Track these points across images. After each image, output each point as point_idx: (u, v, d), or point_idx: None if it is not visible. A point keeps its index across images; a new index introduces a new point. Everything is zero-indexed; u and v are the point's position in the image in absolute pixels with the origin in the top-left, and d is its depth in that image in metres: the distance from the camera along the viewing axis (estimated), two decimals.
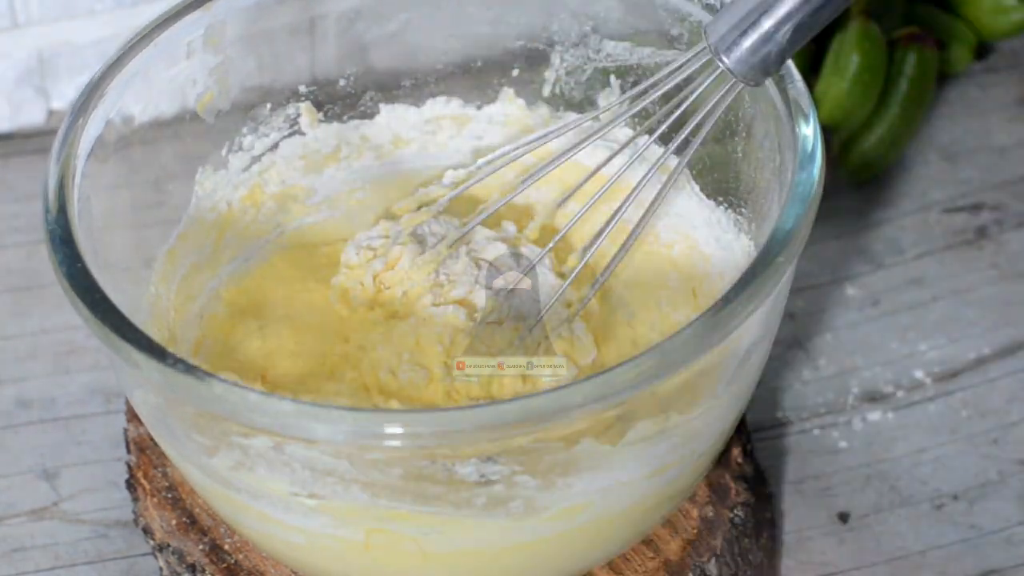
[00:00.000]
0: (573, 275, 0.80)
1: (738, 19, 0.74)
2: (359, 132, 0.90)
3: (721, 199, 0.84)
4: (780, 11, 0.73)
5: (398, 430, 0.65)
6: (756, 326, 0.72)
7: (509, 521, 0.71)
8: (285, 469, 0.70)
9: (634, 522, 0.76)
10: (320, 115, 0.89)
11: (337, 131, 0.89)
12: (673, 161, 0.80)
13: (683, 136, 0.78)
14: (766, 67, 0.74)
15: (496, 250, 0.84)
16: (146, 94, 0.81)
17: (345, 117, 0.89)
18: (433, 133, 0.91)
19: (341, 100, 0.89)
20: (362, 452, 0.67)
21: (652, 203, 0.79)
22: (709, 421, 0.73)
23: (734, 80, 0.75)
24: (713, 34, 0.75)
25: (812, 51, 1.02)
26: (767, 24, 0.73)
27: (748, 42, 0.74)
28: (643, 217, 0.80)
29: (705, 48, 0.75)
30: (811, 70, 1.01)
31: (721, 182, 0.84)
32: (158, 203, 0.84)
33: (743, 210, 0.82)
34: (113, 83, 0.79)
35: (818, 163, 0.74)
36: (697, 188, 0.86)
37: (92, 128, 0.78)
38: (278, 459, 0.69)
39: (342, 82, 0.89)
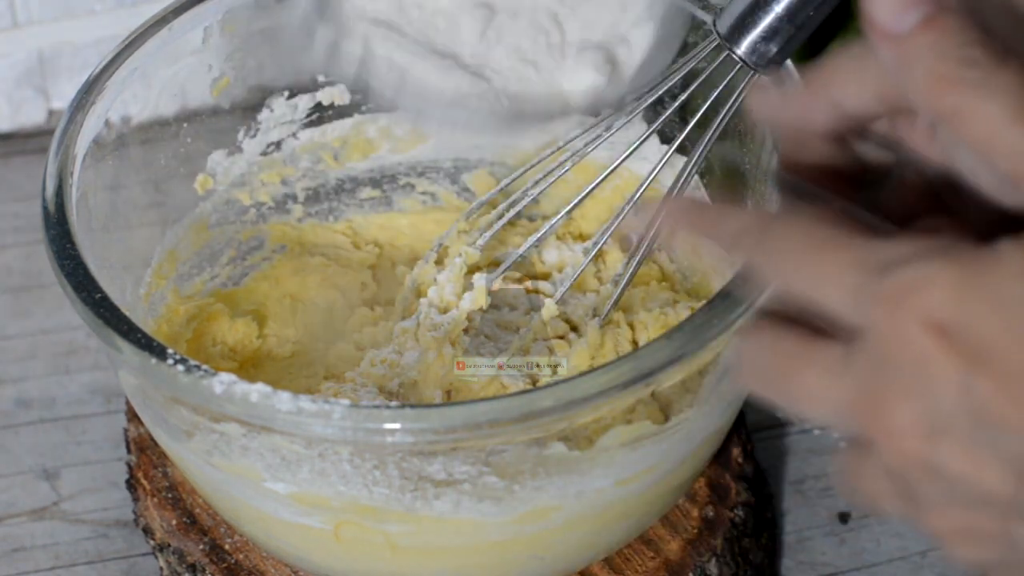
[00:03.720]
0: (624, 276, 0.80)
1: (747, 7, 0.74)
2: (377, 125, 0.90)
3: (725, 200, 0.84)
4: None
5: (396, 426, 0.65)
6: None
7: (479, 520, 0.70)
8: (256, 456, 0.70)
9: (610, 527, 0.75)
10: (331, 111, 0.88)
11: (350, 125, 0.89)
12: (683, 162, 0.81)
13: (706, 136, 0.78)
14: (779, 53, 0.74)
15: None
16: (144, 93, 0.81)
17: (364, 109, 0.89)
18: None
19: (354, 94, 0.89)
20: (344, 447, 0.68)
21: (674, 198, 0.79)
22: (687, 434, 0.73)
23: (751, 71, 0.75)
24: (722, 26, 0.75)
25: (812, 51, 1.02)
26: (777, 8, 0.73)
27: (758, 29, 0.74)
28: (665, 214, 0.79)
29: (716, 42, 0.75)
30: None
31: (725, 184, 0.84)
32: (157, 203, 0.84)
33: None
34: (110, 82, 0.79)
35: None
36: (704, 192, 0.86)
37: (90, 127, 0.78)
38: (250, 445, 0.70)
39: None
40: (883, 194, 0.57)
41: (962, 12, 0.50)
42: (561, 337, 0.82)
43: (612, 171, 0.81)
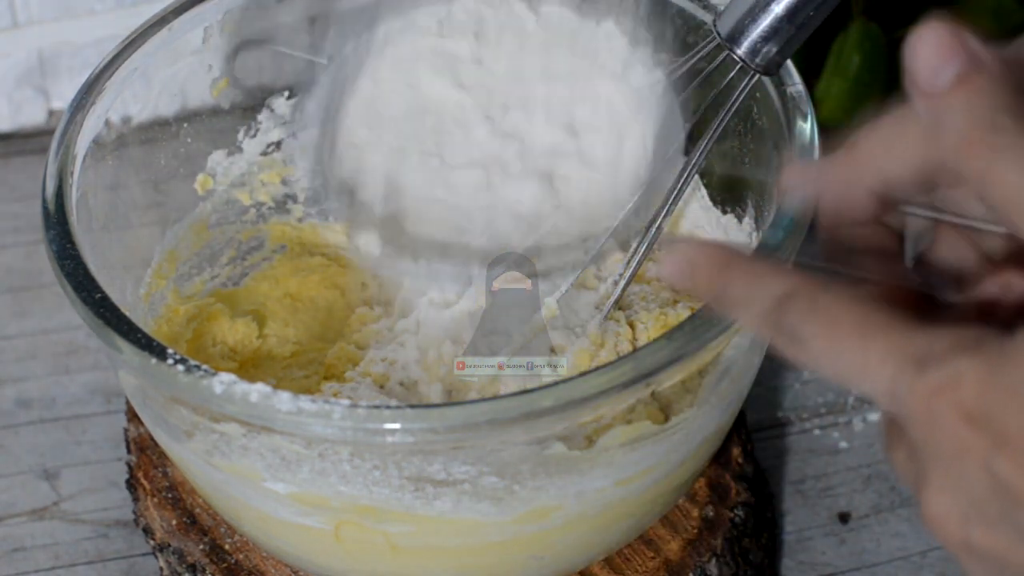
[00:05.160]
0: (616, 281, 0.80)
1: (747, 7, 0.74)
2: None
3: (725, 200, 0.84)
4: None
5: (396, 426, 0.65)
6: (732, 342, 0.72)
7: (479, 520, 0.70)
8: (256, 456, 0.70)
9: (610, 527, 0.75)
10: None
11: None
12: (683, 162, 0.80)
13: (706, 136, 0.77)
14: (779, 53, 0.74)
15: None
16: (144, 93, 0.81)
17: None
18: None
19: None
20: (343, 447, 0.68)
21: (674, 198, 0.79)
22: (687, 434, 0.73)
23: (751, 71, 0.75)
24: (723, 27, 0.75)
25: (812, 51, 1.02)
26: (777, 8, 0.73)
27: (759, 30, 0.74)
28: (664, 214, 0.80)
29: (716, 43, 0.75)
30: (811, 71, 1.01)
31: (725, 184, 0.84)
32: (157, 203, 0.84)
33: (747, 211, 0.82)
34: (110, 82, 0.79)
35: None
36: (704, 192, 0.86)
37: (90, 127, 0.78)
38: (250, 445, 0.70)
39: None
40: (926, 253, 0.58)
41: (999, 70, 0.51)
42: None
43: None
